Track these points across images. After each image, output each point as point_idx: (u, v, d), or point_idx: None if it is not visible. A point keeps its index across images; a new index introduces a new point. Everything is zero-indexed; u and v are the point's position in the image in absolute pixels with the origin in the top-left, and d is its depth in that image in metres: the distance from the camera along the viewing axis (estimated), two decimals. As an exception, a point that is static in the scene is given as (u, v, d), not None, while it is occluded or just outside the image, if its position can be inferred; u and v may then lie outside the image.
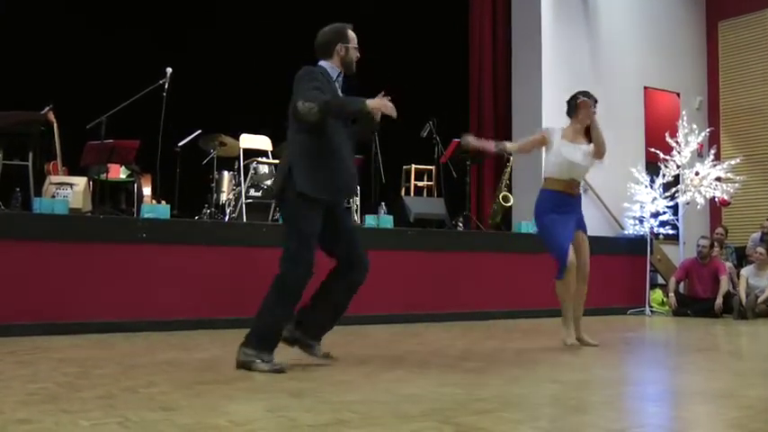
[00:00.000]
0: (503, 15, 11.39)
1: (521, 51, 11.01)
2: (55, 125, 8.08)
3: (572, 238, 5.68)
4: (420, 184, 10.41)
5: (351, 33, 4.77)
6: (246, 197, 8.70)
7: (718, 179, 10.23)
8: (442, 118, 9.81)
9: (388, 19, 10.98)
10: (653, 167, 10.54)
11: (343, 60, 4.69)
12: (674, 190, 10.26)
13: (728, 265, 10.16)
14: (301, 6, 10.96)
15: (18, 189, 7.21)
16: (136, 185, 8.60)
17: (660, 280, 10.71)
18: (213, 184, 8.94)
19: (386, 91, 4.51)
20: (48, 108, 7.93)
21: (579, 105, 5.78)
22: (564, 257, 5.61)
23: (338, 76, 4.66)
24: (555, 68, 10.62)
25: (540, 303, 8.99)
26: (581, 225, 5.80)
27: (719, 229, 10.94)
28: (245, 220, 8.39)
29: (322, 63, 4.68)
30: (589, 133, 5.76)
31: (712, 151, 10.67)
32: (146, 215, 7.02)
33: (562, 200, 5.72)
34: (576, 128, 5.83)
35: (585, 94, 5.83)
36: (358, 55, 4.75)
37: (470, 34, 11.44)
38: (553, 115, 10.46)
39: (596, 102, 5.82)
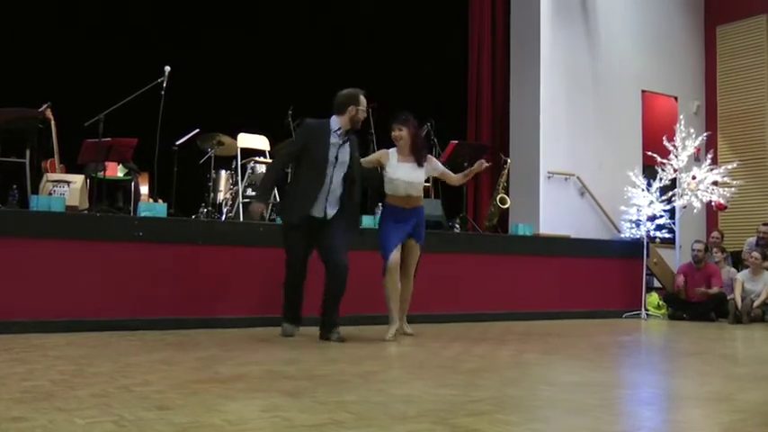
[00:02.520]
0: (502, 18, 11.40)
1: (519, 54, 11.02)
2: (53, 122, 8.07)
3: (399, 243, 6.24)
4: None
5: (362, 99, 5.99)
6: (243, 196, 8.69)
7: (715, 183, 10.24)
8: (440, 120, 9.81)
9: (387, 20, 10.99)
10: (650, 171, 10.55)
11: (352, 119, 5.96)
12: (670, 194, 10.27)
13: (732, 270, 10.16)
14: (301, 7, 10.97)
15: (15, 186, 7.19)
16: (133, 184, 8.59)
17: (656, 283, 10.72)
18: (210, 184, 8.93)
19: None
20: (46, 105, 7.92)
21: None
22: (387, 256, 6.17)
23: (337, 130, 5.91)
24: (553, 71, 10.64)
25: (536, 305, 9.03)
26: (415, 234, 6.34)
27: (715, 233, 10.96)
28: (241, 219, 8.39)
29: (333, 117, 5.95)
30: (414, 150, 6.33)
31: (709, 155, 10.68)
32: (142, 213, 7.02)
33: (399, 212, 6.30)
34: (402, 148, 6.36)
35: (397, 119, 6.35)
36: (365, 115, 6.10)
37: (469, 36, 11.45)
38: (550, 118, 10.50)
39: (405, 120, 6.32)
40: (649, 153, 10.55)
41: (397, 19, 11.00)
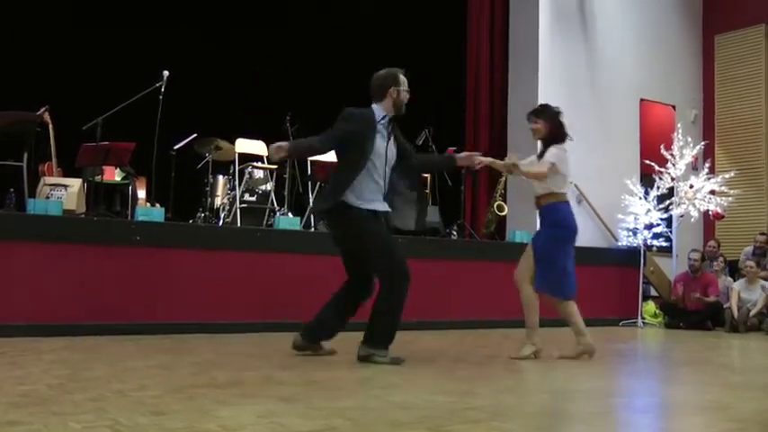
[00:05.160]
0: (500, 26, 11.41)
1: (517, 62, 11.03)
2: (50, 126, 8.06)
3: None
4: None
5: (402, 77, 5.28)
6: (241, 202, 8.69)
7: (712, 192, 10.26)
8: (438, 126, 9.82)
9: (386, 27, 11.00)
10: (647, 179, 10.56)
11: (395, 102, 5.18)
12: (668, 202, 10.28)
13: (728, 279, 10.17)
14: (299, 9, 10.98)
15: (12, 190, 7.19)
16: (130, 188, 8.58)
17: (653, 292, 10.72)
18: (208, 188, 8.94)
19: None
20: (44, 109, 7.92)
21: None
22: None
23: (383, 119, 5.15)
24: (551, 80, 10.64)
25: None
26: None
27: (712, 243, 10.97)
28: (239, 224, 8.39)
29: (373, 105, 5.19)
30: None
31: (707, 164, 10.70)
32: (140, 218, 7.01)
33: None
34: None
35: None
36: (408, 96, 5.27)
37: (468, 44, 11.46)
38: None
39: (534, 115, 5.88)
40: (647, 161, 10.57)
41: (396, 26, 11.01)
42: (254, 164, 9.08)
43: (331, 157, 9.23)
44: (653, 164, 10.31)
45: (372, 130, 5.09)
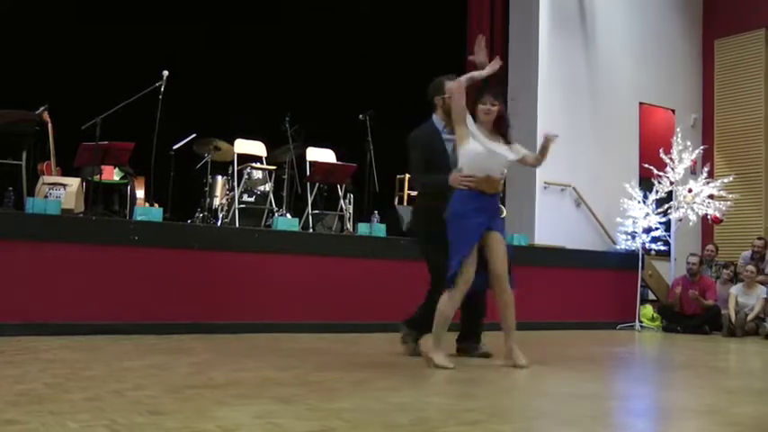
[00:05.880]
0: (500, 30, 11.41)
1: (517, 65, 11.02)
2: (50, 125, 8.06)
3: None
4: (414, 193, 10.40)
5: (449, 84, 5.33)
6: (240, 202, 8.69)
7: (711, 197, 10.26)
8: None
9: (385, 29, 11.01)
10: (646, 183, 10.57)
11: (444, 110, 5.37)
12: (666, 206, 10.28)
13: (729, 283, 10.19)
14: (297, 8, 10.98)
15: (11, 188, 7.19)
16: (129, 187, 8.58)
17: (651, 296, 10.72)
18: (206, 189, 8.94)
19: None
20: (43, 108, 7.92)
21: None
22: (456, 268, 4.95)
23: (444, 128, 5.38)
24: (551, 83, 10.65)
25: (531, 316, 8.99)
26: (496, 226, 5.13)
27: (710, 247, 10.98)
28: (237, 225, 8.39)
29: (433, 116, 5.51)
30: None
31: (705, 169, 10.71)
32: (138, 217, 7.01)
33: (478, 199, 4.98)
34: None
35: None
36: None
37: (467, 48, 11.46)
38: (548, 129, 10.48)
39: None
40: (646, 165, 10.57)
41: (396, 27, 11.02)
42: (253, 164, 9.08)
43: (330, 157, 9.34)
44: (652, 167, 10.31)
45: (440, 143, 5.35)
